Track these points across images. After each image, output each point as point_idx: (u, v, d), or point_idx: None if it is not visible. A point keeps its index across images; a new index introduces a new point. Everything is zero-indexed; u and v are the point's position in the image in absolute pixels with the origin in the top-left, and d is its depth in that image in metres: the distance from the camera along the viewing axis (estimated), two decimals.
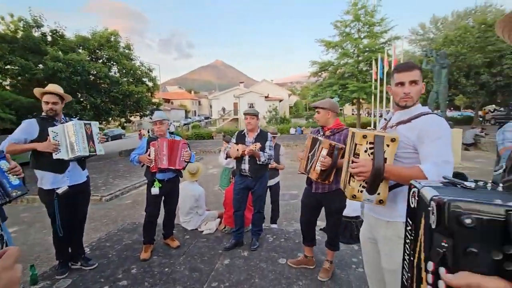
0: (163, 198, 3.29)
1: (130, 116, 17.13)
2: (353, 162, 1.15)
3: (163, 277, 2.75)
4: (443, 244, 0.42)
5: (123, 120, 16.65)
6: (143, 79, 16.63)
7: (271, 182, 4.18)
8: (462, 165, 8.23)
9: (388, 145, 1.15)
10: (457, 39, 19.50)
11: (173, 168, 3.14)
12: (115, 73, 15.29)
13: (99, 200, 6.64)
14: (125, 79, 15.04)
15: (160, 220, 3.32)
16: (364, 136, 1.16)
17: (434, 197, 0.48)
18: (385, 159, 1.17)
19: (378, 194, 1.20)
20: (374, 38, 20.69)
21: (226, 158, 3.54)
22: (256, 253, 3.15)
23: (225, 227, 3.85)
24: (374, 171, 1.10)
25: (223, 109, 37.61)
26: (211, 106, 49.69)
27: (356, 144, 1.16)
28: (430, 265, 0.45)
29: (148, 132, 32.19)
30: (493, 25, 19.13)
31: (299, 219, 2.84)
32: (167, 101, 57.47)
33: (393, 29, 20.91)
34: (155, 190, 3.13)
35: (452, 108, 26.27)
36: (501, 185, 0.59)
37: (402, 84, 1.42)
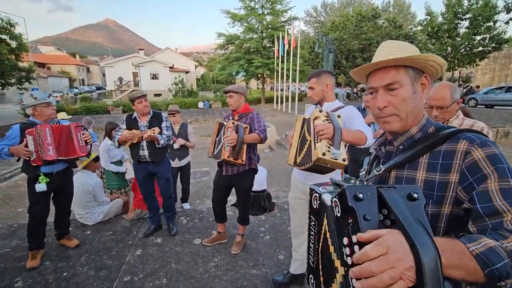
0: (52, 194, 2.81)
1: None
2: (316, 126, 1.49)
3: (62, 283, 2.43)
4: (349, 221, 0.58)
5: None
6: (0, 36, 12.69)
7: (182, 163, 4.12)
8: None
9: (338, 116, 1.58)
10: (341, 25, 22.68)
11: (71, 157, 2.71)
12: None
13: None
14: None
15: (49, 218, 2.84)
16: (320, 110, 1.64)
17: (333, 198, 0.66)
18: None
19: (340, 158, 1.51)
20: (276, 16, 21.73)
21: (118, 146, 3.21)
22: (170, 238, 3.14)
23: (137, 211, 3.59)
24: (335, 129, 1.48)
25: (120, 79, 32.98)
26: (104, 75, 42.80)
27: (316, 118, 1.58)
28: (345, 240, 0.60)
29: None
30: (366, 16, 22.80)
31: (211, 197, 2.96)
32: (42, 65, 46.18)
33: (292, 9, 22.43)
34: (41, 187, 2.62)
35: (336, 85, 31.21)
36: (364, 182, 0.91)
37: (311, 88, 2.02)
